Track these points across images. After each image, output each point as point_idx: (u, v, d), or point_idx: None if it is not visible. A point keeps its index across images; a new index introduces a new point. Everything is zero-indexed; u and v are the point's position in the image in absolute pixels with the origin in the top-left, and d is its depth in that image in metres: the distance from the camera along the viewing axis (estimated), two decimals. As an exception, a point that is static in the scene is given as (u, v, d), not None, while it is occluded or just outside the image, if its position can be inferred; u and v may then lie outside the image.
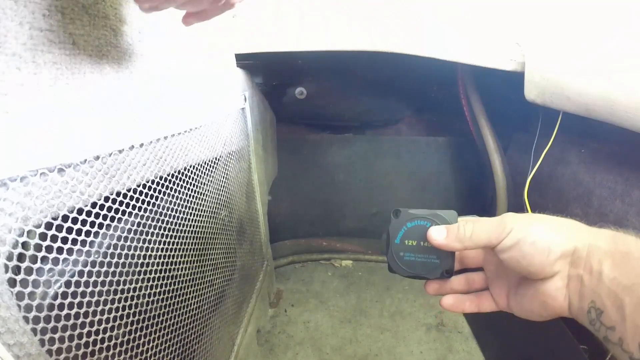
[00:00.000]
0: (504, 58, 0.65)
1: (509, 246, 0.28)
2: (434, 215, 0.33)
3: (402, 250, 0.34)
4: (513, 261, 0.28)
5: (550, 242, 0.27)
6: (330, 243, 1.18)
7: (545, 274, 0.27)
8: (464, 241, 0.30)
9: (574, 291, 0.27)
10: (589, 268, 0.25)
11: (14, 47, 0.22)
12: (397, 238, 0.34)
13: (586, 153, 0.75)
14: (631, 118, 0.46)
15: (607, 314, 0.24)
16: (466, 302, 0.34)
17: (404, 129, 1.13)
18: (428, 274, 0.34)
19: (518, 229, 0.27)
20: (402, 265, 0.34)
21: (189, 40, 0.43)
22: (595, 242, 0.26)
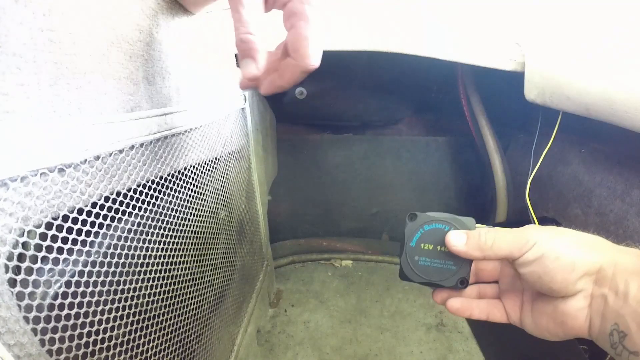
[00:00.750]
0: (504, 58, 0.65)
1: (531, 260, 0.26)
2: (454, 219, 0.31)
3: (418, 254, 0.32)
4: (534, 276, 0.26)
5: (575, 258, 0.25)
6: (330, 243, 1.18)
7: (567, 291, 0.26)
8: (485, 250, 0.28)
9: (597, 311, 0.25)
10: (614, 288, 0.24)
11: (14, 47, 0.22)
12: (413, 241, 0.32)
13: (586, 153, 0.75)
14: (631, 118, 0.46)
15: (631, 338, 0.23)
16: (475, 309, 0.32)
17: (404, 129, 1.13)
18: (443, 281, 0.32)
19: (542, 243, 0.26)
20: (417, 271, 0.32)
21: (189, 41, 0.43)
22: (622, 260, 0.24)
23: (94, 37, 0.28)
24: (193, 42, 0.44)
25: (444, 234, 0.31)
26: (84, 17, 0.27)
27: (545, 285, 0.26)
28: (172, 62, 0.39)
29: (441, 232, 0.31)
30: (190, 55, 0.44)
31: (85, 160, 0.27)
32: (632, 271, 0.24)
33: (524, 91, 0.67)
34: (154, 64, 0.36)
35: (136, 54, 0.33)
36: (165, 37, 0.38)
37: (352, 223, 1.20)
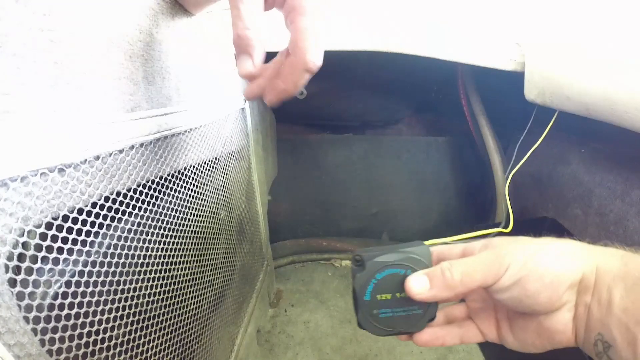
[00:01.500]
0: (504, 58, 0.65)
1: (508, 285, 0.24)
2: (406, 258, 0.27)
3: (376, 307, 0.28)
4: (514, 301, 0.24)
5: (557, 273, 0.23)
6: (330, 243, 1.18)
7: (552, 307, 0.24)
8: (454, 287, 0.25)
9: (581, 321, 0.24)
10: (597, 296, 0.22)
11: (14, 47, 0.22)
12: (367, 294, 0.29)
13: (586, 153, 0.75)
14: (631, 118, 0.46)
15: (616, 349, 0.21)
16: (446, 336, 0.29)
17: (404, 129, 1.13)
18: (411, 327, 0.29)
19: (518, 264, 0.23)
20: (379, 325, 0.29)
21: (189, 41, 0.43)
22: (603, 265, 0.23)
23: (94, 37, 0.28)
24: (193, 42, 0.44)
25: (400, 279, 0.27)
26: (84, 17, 0.27)
27: (527, 307, 0.24)
28: (172, 62, 0.39)
29: (397, 278, 0.27)
30: (191, 55, 0.44)
31: (85, 160, 0.27)
32: (615, 276, 0.22)
33: (524, 91, 0.67)
34: (154, 64, 0.36)
35: (136, 54, 0.33)
36: (165, 37, 0.38)
37: (352, 223, 1.20)
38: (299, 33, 0.26)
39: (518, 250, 0.24)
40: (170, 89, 0.39)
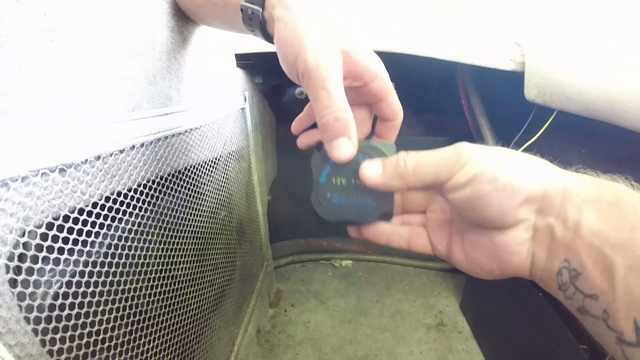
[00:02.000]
0: (504, 58, 0.65)
1: (461, 183, 0.22)
2: (369, 146, 0.26)
3: (330, 190, 0.27)
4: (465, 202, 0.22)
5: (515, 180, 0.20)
6: (330, 243, 1.18)
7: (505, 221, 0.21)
8: (406, 177, 0.23)
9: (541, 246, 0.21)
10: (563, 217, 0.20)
11: (14, 47, 0.22)
12: (323, 175, 0.27)
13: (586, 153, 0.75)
14: (631, 118, 0.46)
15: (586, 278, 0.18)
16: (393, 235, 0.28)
17: (404, 129, 1.13)
18: (362, 218, 0.27)
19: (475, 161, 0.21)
20: (330, 210, 0.28)
21: (189, 40, 0.43)
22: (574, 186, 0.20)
23: (94, 37, 0.28)
24: (193, 41, 0.44)
25: (357, 165, 0.26)
26: (84, 17, 0.27)
27: (478, 213, 0.22)
28: (172, 62, 0.39)
29: (354, 163, 0.26)
30: (191, 56, 0.44)
31: (85, 160, 0.27)
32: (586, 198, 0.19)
33: (524, 91, 0.67)
34: (155, 64, 0.36)
35: (136, 54, 0.33)
36: (166, 37, 0.38)
37: (352, 223, 1.20)
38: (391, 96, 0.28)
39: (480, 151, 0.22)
40: (170, 89, 0.39)
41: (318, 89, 0.24)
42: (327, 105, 0.24)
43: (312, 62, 0.24)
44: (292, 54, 0.25)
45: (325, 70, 0.24)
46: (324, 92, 0.24)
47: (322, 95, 0.24)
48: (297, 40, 0.25)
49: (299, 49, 0.25)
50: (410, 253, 1.16)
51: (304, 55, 0.24)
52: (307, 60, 0.24)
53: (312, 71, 0.24)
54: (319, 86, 0.24)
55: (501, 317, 0.76)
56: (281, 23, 0.27)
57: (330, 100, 0.24)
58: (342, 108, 0.24)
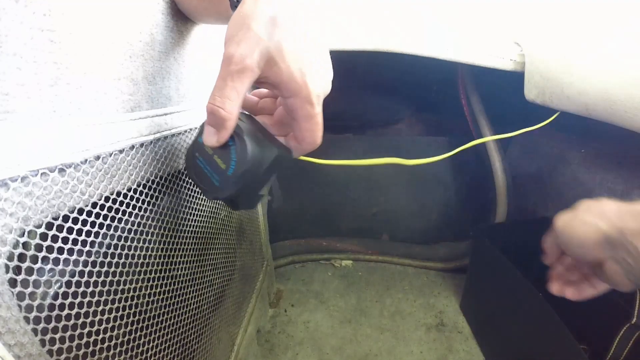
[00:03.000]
0: (504, 58, 0.65)
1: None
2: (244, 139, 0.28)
3: (199, 152, 0.30)
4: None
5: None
6: (330, 243, 1.18)
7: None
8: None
9: None
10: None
11: (14, 47, 0.22)
12: (201, 137, 0.30)
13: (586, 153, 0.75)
14: (631, 118, 0.46)
15: None
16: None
17: (404, 129, 1.13)
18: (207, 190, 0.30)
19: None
20: (191, 167, 0.31)
21: (189, 40, 0.43)
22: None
23: (94, 37, 0.28)
24: (193, 41, 0.44)
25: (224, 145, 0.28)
26: (84, 17, 0.27)
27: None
28: (172, 62, 0.39)
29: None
30: (191, 55, 0.44)
31: (85, 160, 0.27)
32: None
33: (524, 91, 0.67)
34: (154, 64, 0.36)
35: (136, 54, 0.33)
36: (165, 37, 0.38)
37: (352, 223, 1.20)
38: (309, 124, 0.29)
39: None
40: (170, 89, 0.39)
41: (219, 78, 0.26)
42: (214, 96, 0.26)
43: (230, 51, 0.25)
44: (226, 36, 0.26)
45: (235, 64, 0.25)
46: (220, 82, 0.26)
47: (217, 85, 0.26)
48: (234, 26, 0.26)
49: (231, 34, 0.26)
50: (410, 253, 1.16)
51: (229, 42, 0.26)
52: (229, 48, 0.25)
53: (225, 59, 0.25)
54: (221, 76, 0.26)
55: (501, 317, 0.76)
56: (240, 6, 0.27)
57: (220, 92, 0.26)
58: (224, 105, 0.26)
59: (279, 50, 0.26)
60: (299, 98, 0.27)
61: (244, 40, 0.25)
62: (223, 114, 0.26)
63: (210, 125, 0.28)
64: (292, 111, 0.28)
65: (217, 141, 0.28)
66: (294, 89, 0.27)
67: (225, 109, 0.26)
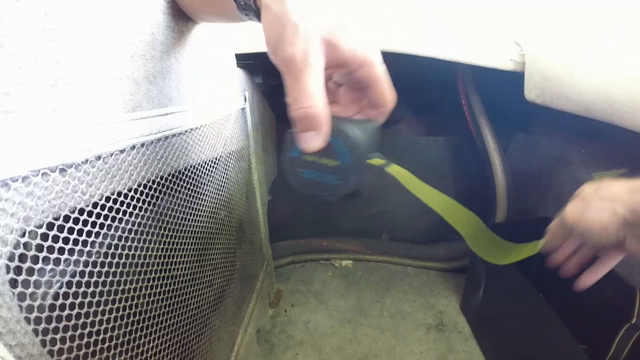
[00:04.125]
0: (504, 58, 0.65)
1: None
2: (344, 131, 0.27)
3: (300, 165, 0.29)
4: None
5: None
6: (330, 243, 1.18)
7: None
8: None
9: None
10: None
11: (15, 47, 0.22)
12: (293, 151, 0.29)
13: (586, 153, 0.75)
14: (631, 118, 0.46)
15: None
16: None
17: (404, 129, 1.13)
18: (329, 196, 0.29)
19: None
20: (300, 184, 0.30)
21: (190, 40, 0.43)
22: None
23: (94, 37, 0.28)
24: (194, 41, 0.44)
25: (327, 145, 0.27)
26: (84, 17, 0.27)
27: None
28: (173, 62, 0.39)
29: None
30: (191, 55, 0.44)
31: (86, 160, 0.27)
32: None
33: (524, 91, 0.67)
34: (155, 64, 0.36)
35: (137, 53, 0.33)
36: (166, 37, 0.38)
37: (352, 223, 1.20)
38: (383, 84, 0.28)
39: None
40: (171, 89, 0.39)
41: (292, 82, 0.25)
42: (297, 99, 0.25)
43: (288, 53, 0.24)
44: (272, 41, 0.25)
45: (301, 62, 0.24)
46: (296, 85, 0.25)
47: (294, 89, 0.25)
48: (277, 29, 0.25)
49: (279, 38, 0.25)
50: (410, 253, 1.16)
51: (282, 46, 0.24)
52: (285, 51, 0.24)
53: (288, 62, 0.24)
54: (292, 79, 0.25)
55: (501, 317, 0.76)
56: (266, 11, 0.26)
57: (302, 94, 0.25)
58: (313, 103, 0.25)
59: (330, 33, 0.26)
60: (367, 65, 0.27)
61: (296, 38, 0.24)
62: (316, 111, 0.25)
63: (306, 130, 0.26)
64: (365, 80, 0.28)
65: (322, 141, 0.26)
66: (360, 60, 0.27)
67: (316, 106, 0.25)
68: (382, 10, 0.70)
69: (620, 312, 0.58)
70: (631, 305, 0.57)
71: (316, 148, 0.26)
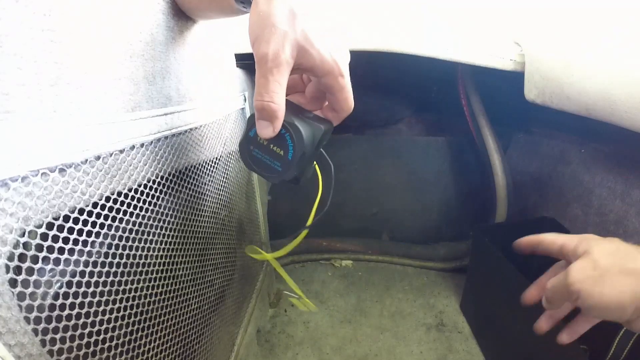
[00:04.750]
0: (504, 58, 0.65)
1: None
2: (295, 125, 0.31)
3: (253, 144, 0.33)
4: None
5: None
6: (330, 243, 1.18)
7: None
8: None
9: None
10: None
11: (14, 47, 0.22)
12: (252, 131, 0.33)
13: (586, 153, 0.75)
14: (631, 118, 0.46)
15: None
16: None
17: (404, 129, 1.13)
18: (269, 177, 0.34)
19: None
20: (250, 161, 0.34)
21: (189, 40, 0.43)
22: None
23: (94, 37, 0.28)
24: (193, 41, 0.44)
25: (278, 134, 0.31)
26: (84, 17, 0.27)
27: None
28: (172, 62, 0.39)
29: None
30: (191, 55, 0.44)
31: (85, 160, 0.27)
32: None
33: (524, 91, 0.67)
34: (154, 64, 0.36)
35: (136, 53, 0.33)
36: (165, 37, 0.38)
37: (352, 223, 1.20)
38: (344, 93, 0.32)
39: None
40: (170, 89, 0.39)
41: (260, 77, 0.28)
42: (261, 93, 0.28)
43: (263, 51, 0.27)
44: (252, 38, 0.28)
45: (271, 61, 0.27)
46: (262, 80, 0.28)
47: (260, 83, 0.28)
48: (258, 27, 0.27)
49: (257, 35, 0.27)
50: (410, 253, 1.16)
51: (258, 43, 0.27)
52: (260, 48, 0.27)
53: (260, 59, 0.27)
54: (261, 74, 0.28)
55: (501, 317, 0.76)
56: (254, 7, 0.28)
57: (265, 89, 0.28)
58: (272, 99, 0.28)
59: (305, 39, 0.28)
60: (332, 75, 0.30)
61: (272, 38, 0.27)
62: (274, 107, 0.28)
63: (263, 119, 0.30)
64: (328, 87, 0.32)
65: (272, 132, 0.30)
66: (327, 69, 0.30)
67: (274, 102, 0.28)
68: (382, 10, 0.70)
69: (620, 312, 0.58)
70: (631, 305, 0.57)
71: (268, 136, 0.30)
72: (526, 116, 0.94)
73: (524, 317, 0.67)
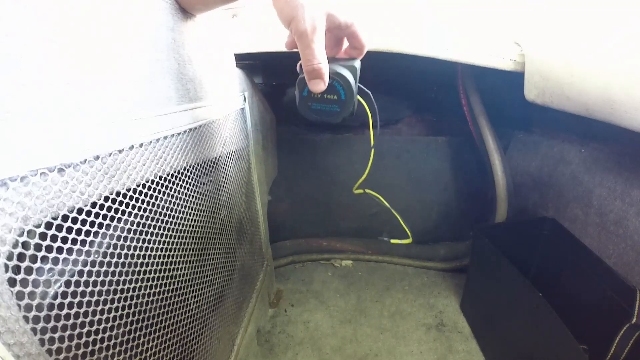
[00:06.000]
0: (504, 58, 0.65)
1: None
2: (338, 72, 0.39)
3: (310, 100, 0.41)
4: None
5: None
6: (330, 243, 1.18)
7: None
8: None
9: None
10: None
11: (15, 47, 0.22)
12: (305, 91, 0.40)
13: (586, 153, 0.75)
14: (631, 118, 0.46)
15: None
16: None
17: (404, 129, 1.13)
18: (332, 119, 0.41)
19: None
20: (311, 113, 0.42)
21: (189, 41, 0.43)
22: None
23: (94, 37, 0.28)
24: (193, 42, 0.44)
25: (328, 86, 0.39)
26: (84, 17, 0.27)
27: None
28: (172, 63, 0.39)
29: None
30: (191, 55, 0.44)
31: (84, 160, 0.27)
32: None
33: (524, 91, 0.67)
34: (154, 65, 0.36)
35: (136, 54, 0.33)
36: (166, 38, 0.38)
37: (352, 223, 1.20)
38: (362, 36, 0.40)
39: None
40: (170, 89, 0.39)
41: (305, 47, 0.35)
42: (309, 59, 0.36)
43: (301, 28, 0.34)
44: (287, 19, 0.34)
45: (311, 34, 0.34)
46: (308, 50, 0.35)
47: (307, 53, 0.35)
48: (289, 9, 0.34)
49: (293, 16, 0.34)
50: (410, 253, 1.16)
51: (296, 22, 0.34)
52: (298, 27, 0.34)
53: (302, 34, 0.34)
54: (305, 46, 0.35)
55: (501, 317, 0.76)
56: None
57: (312, 55, 0.35)
58: (320, 61, 0.36)
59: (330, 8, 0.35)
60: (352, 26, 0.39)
61: (305, 16, 0.33)
62: (322, 67, 0.36)
63: (314, 78, 0.37)
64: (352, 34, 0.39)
65: (324, 85, 0.38)
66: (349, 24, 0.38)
67: (322, 63, 0.36)
68: (382, 10, 0.70)
69: (620, 312, 0.58)
70: (631, 305, 0.57)
71: (321, 90, 0.38)
72: (526, 116, 0.94)
73: (524, 317, 0.67)
